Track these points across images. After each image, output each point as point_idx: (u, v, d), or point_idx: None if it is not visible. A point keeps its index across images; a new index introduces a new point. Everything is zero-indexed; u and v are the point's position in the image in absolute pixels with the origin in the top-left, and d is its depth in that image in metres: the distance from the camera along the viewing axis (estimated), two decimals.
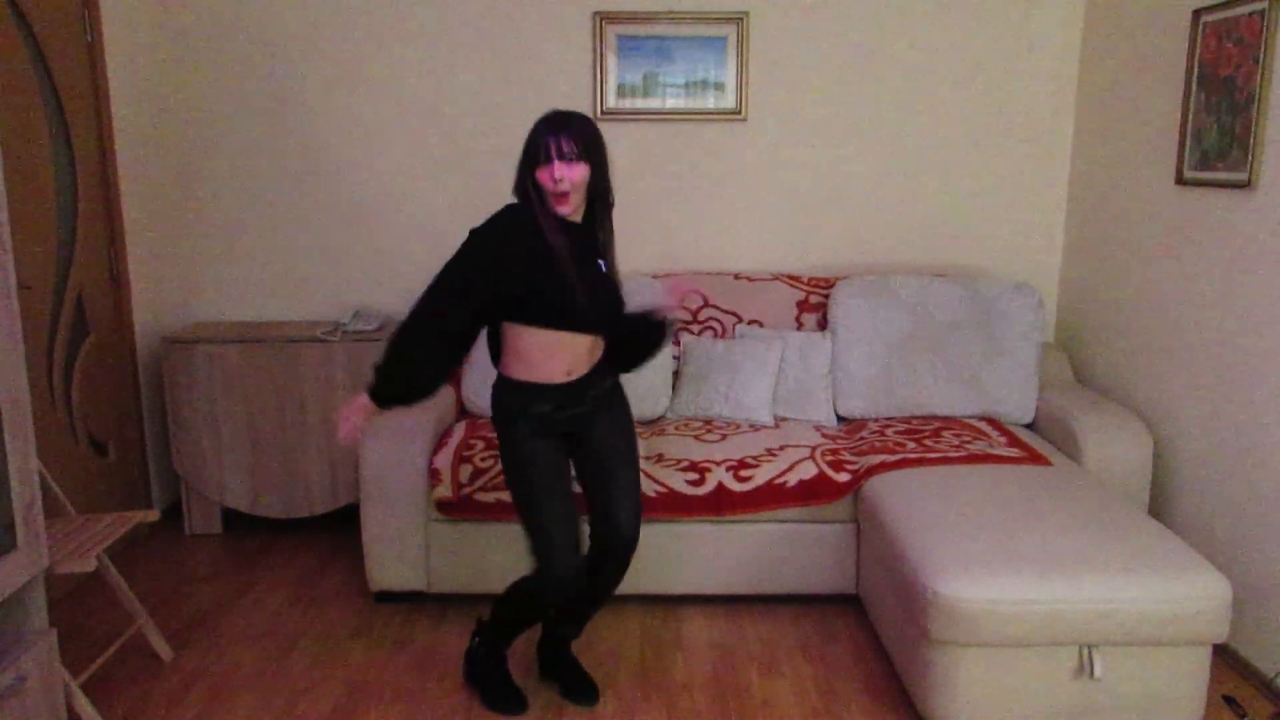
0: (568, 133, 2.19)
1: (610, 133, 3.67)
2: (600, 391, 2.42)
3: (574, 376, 2.34)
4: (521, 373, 2.33)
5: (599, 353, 2.41)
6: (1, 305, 1.96)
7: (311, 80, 3.70)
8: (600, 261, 2.35)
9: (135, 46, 3.62)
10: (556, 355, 2.31)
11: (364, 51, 3.68)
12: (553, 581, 2.31)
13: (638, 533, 2.42)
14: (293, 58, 3.68)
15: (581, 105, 3.67)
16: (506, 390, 2.37)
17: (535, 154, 2.21)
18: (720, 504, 2.95)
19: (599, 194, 2.29)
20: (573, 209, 2.26)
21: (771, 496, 2.96)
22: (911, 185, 3.82)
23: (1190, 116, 2.97)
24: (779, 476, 2.98)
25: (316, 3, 3.65)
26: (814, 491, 2.97)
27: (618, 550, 2.42)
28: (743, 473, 2.99)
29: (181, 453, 3.58)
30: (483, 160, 3.76)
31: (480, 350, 2.49)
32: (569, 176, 2.19)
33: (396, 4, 3.65)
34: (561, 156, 2.18)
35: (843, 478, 2.98)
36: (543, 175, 2.21)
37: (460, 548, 3.04)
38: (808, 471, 2.99)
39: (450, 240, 3.74)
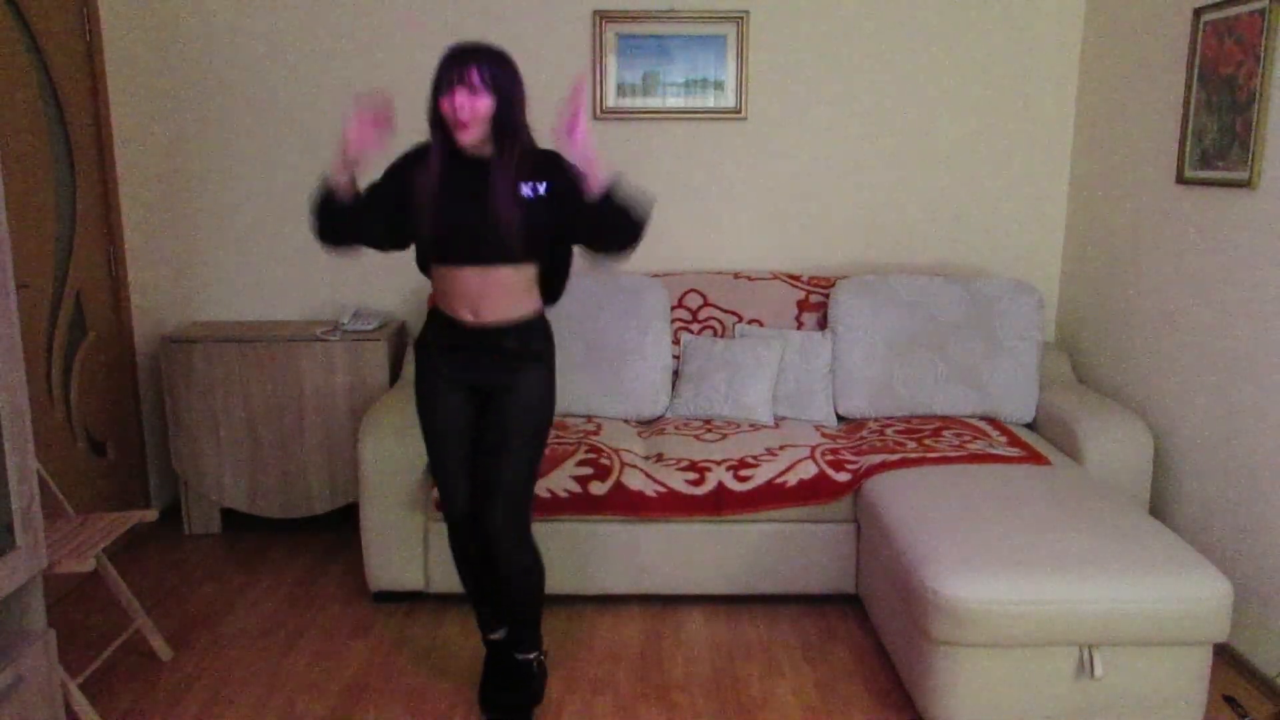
0: (474, 62, 2.17)
1: (610, 132, 3.74)
2: (512, 352, 2.34)
3: (479, 320, 2.31)
4: (438, 300, 2.40)
5: (515, 300, 2.32)
6: (0, 304, 1.96)
7: (311, 80, 3.69)
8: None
9: (135, 46, 3.62)
10: (453, 290, 2.32)
11: (363, 52, 3.68)
12: (451, 518, 2.47)
13: (506, 530, 2.37)
14: (292, 57, 3.68)
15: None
16: (428, 317, 2.45)
17: (439, 82, 2.20)
18: (720, 504, 2.95)
19: (505, 128, 2.22)
20: (474, 140, 2.21)
21: (771, 496, 2.96)
22: (912, 184, 3.81)
23: (1191, 116, 2.97)
24: (779, 476, 2.97)
25: (316, 3, 3.65)
26: (814, 491, 2.96)
27: (484, 539, 2.42)
28: (742, 472, 2.98)
29: (180, 453, 3.58)
30: None
31: None
32: (469, 105, 2.16)
33: (396, 5, 3.65)
34: (463, 84, 2.16)
35: (843, 477, 2.98)
36: (444, 103, 2.19)
37: None
38: (808, 471, 2.98)
39: None
